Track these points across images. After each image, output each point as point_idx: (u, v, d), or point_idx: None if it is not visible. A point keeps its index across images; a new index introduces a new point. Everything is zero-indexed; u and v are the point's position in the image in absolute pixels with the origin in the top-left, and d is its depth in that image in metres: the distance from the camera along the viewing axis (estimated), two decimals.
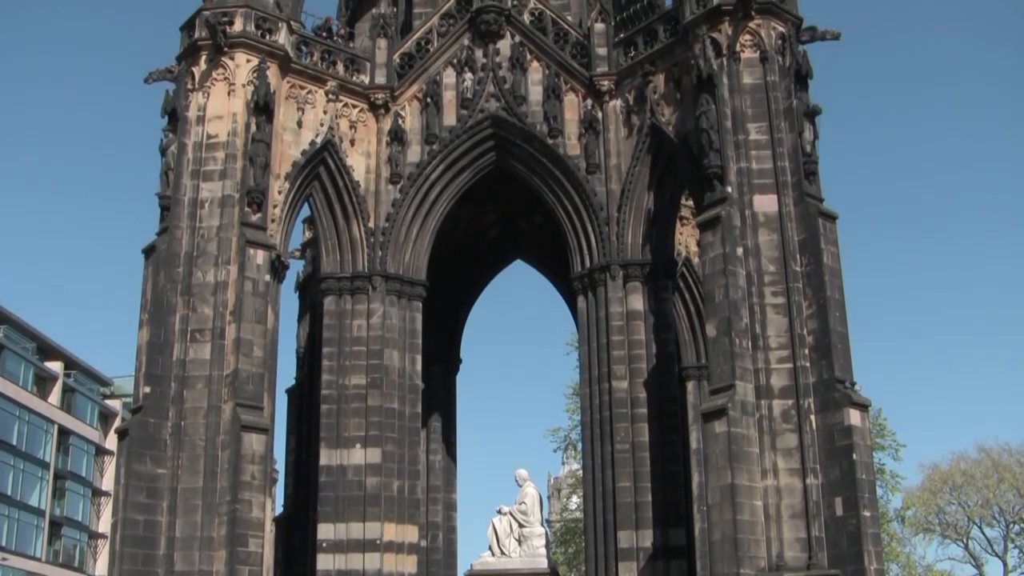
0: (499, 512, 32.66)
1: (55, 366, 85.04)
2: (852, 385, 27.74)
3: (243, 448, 29.05)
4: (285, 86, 33.46)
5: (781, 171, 29.37)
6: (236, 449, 28.98)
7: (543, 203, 35.49)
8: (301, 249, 41.60)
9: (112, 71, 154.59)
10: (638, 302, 32.94)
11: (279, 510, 36.88)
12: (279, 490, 39.40)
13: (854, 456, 26.54)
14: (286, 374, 39.74)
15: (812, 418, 27.35)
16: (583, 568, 44.90)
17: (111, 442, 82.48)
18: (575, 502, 68.56)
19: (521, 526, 32.29)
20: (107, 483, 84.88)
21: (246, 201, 31.25)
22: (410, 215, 34.92)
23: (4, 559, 72.61)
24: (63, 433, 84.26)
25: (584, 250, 33.82)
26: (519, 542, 32.17)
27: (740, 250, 28.75)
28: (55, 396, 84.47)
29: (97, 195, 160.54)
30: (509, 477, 33.60)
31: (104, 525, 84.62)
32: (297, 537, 36.38)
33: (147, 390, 29.77)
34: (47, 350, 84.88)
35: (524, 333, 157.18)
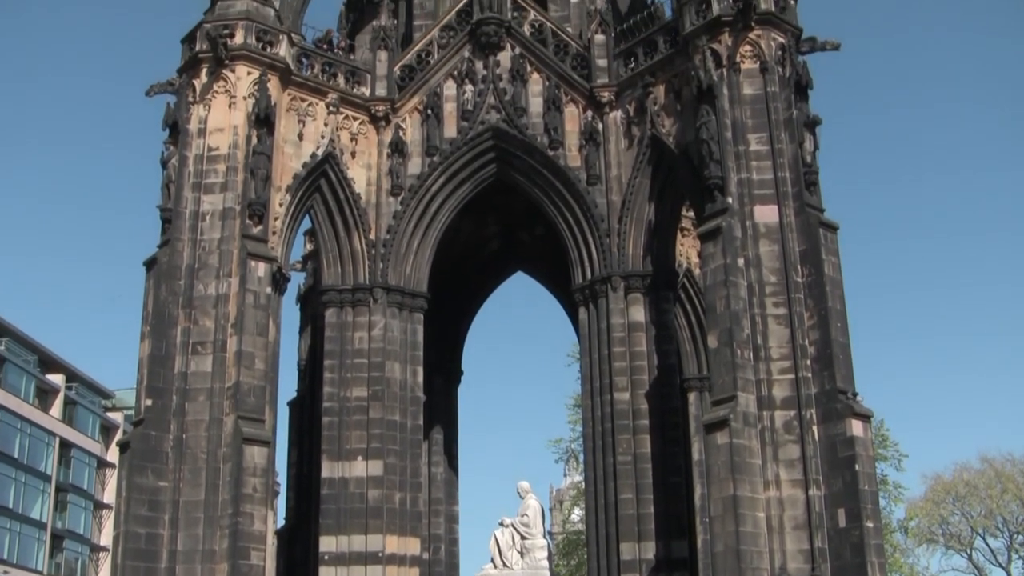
0: (501, 524, 32.55)
1: (56, 379, 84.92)
2: (854, 395, 27.70)
3: (245, 461, 29.02)
4: (286, 98, 33.51)
5: (782, 182, 29.37)
6: (238, 462, 28.95)
7: (544, 215, 35.50)
8: (302, 261, 41.64)
9: (115, 83, 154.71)
10: (639, 313, 32.94)
11: (281, 523, 36.82)
12: (281, 503, 39.33)
13: (856, 467, 26.49)
14: (287, 386, 39.80)
15: (814, 429, 27.31)
16: None
17: (113, 455, 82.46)
18: (577, 514, 68.33)
19: (523, 538, 32.17)
20: (109, 496, 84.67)
21: (247, 213, 31.28)
22: (411, 227, 34.94)
23: (5, 572, 72.49)
24: (64, 446, 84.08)
25: (585, 261, 33.82)
26: (521, 554, 32.05)
27: (741, 261, 28.75)
28: (56, 409, 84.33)
29: (99, 208, 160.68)
30: (511, 489, 33.56)
31: (106, 538, 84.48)
32: (299, 550, 36.35)
33: (149, 403, 29.76)
34: (48, 363, 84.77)
35: (525, 344, 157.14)
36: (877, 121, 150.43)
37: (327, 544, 32.57)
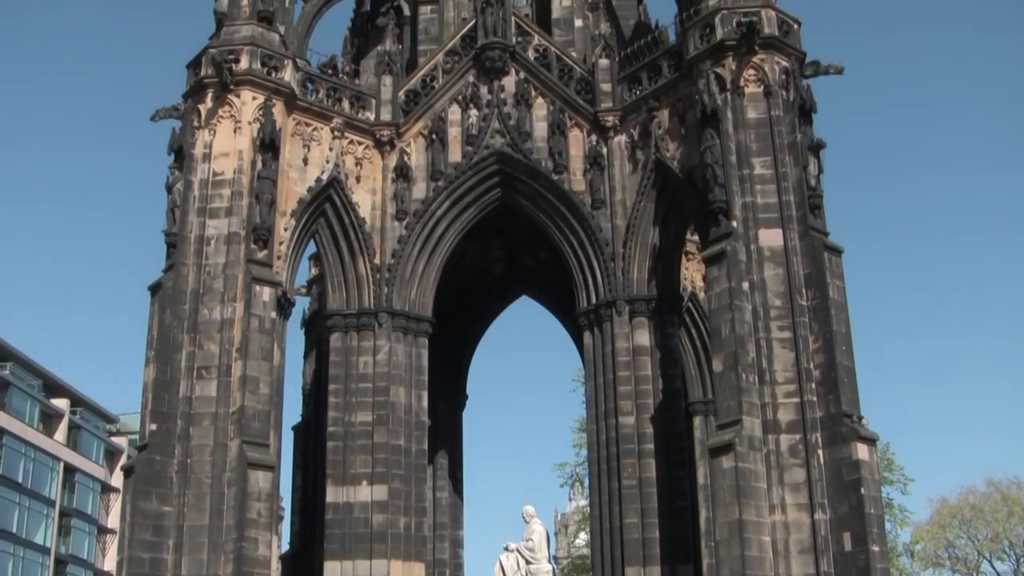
0: (506, 549, 32.50)
1: (61, 403, 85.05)
2: (859, 419, 27.65)
3: (249, 485, 28.97)
4: (291, 123, 33.60)
5: (786, 205, 29.41)
6: (242, 486, 28.90)
7: (548, 239, 35.53)
8: (307, 286, 41.67)
9: (121, 108, 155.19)
10: (644, 337, 32.92)
11: (285, 548, 36.77)
12: (285, 527, 39.26)
13: (862, 490, 26.41)
14: (292, 411, 39.72)
15: (820, 452, 27.25)
16: None
17: (117, 479, 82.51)
18: (582, 538, 68.21)
19: (528, 563, 32.10)
20: (113, 521, 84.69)
21: (252, 238, 31.33)
22: (416, 251, 34.97)
23: None
24: (69, 470, 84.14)
25: (590, 286, 33.83)
26: None
27: (746, 285, 28.76)
28: (61, 433, 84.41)
29: (105, 232, 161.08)
30: (516, 513, 33.45)
31: (110, 563, 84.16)
32: (303, 575, 36.24)
33: (153, 427, 29.73)
34: (53, 387, 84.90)
35: (530, 368, 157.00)
36: (877, 121, 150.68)
37: (331, 569, 32.43)
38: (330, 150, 34.33)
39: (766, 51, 30.64)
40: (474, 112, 35.46)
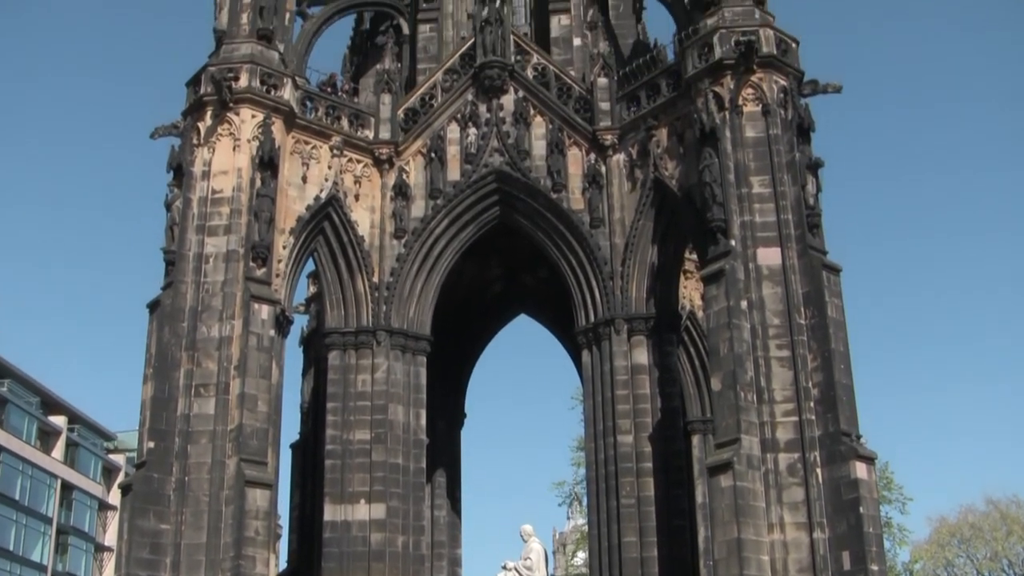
0: (504, 568, 32.38)
1: (59, 420, 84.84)
2: (858, 438, 27.65)
3: (247, 504, 28.94)
4: (290, 141, 33.65)
5: (784, 224, 29.45)
6: (240, 505, 28.86)
7: (547, 257, 35.55)
8: (305, 304, 41.69)
9: (119, 130, 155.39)
10: (642, 356, 32.90)
11: (283, 566, 36.65)
12: (283, 546, 39.18)
13: (861, 509, 26.40)
14: (290, 429, 39.64)
15: (818, 471, 27.23)
16: None
17: (114, 497, 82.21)
18: (581, 557, 68.12)
19: None
20: (110, 538, 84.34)
21: (251, 256, 31.36)
22: (414, 270, 34.99)
23: None
24: (66, 488, 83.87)
25: (588, 304, 33.83)
26: None
27: (744, 303, 28.78)
28: (58, 450, 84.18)
29: (102, 250, 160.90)
30: (514, 532, 33.39)
31: None
32: None
33: (151, 445, 29.71)
34: (51, 404, 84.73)
35: (529, 387, 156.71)
36: (877, 121, 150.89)
37: None
38: (329, 168, 34.38)
39: (764, 70, 30.73)
40: (473, 130, 35.53)
